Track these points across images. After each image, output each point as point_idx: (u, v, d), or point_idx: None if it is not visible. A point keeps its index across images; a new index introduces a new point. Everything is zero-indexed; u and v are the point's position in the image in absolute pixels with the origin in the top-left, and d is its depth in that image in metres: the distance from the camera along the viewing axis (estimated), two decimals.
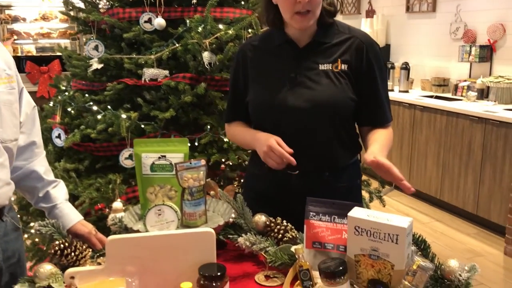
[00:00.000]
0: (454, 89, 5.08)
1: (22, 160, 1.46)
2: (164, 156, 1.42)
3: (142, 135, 2.23)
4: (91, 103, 2.34)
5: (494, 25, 4.66)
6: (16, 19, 7.23)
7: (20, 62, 6.63)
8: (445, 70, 5.34)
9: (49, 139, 2.37)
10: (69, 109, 2.42)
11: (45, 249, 2.32)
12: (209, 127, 2.27)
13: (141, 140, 1.48)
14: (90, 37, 2.40)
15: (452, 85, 5.16)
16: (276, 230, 1.37)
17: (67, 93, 2.50)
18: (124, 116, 2.20)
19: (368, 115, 1.57)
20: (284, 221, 1.40)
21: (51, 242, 1.30)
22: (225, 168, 2.39)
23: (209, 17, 2.22)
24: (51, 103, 2.56)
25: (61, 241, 1.27)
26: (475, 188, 4.20)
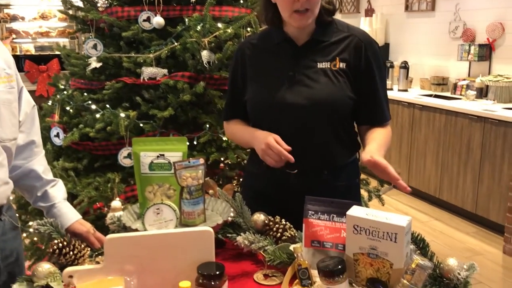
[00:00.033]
0: (453, 88, 5.08)
1: (21, 159, 1.46)
2: (163, 155, 1.41)
3: (141, 134, 2.23)
4: (90, 102, 2.34)
5: (493, 24, 4.66)
6: (14, 18, 7.22)
7: (19, 61, 6.61)
8: (444, 69, 5.34)
9: (47, 138, 2.37)
10: (68, 108, 2.41)
11: (43, 248, 2.32)
12: (208, 126, 2.27)
13: (139, 139, 1.48)
14: (89, 36, 2.39)
15: (451, 84, 5.16)
16: (275, 229, 1.37)
17: (65, 92, 2.49)
18: (122, 115, 2.20)
19: (366, 113, 1.57)
20: (283, 220, 1.40)
21: (50, 241, 1.29)
22: (224, 167, 2.39)
23: (208, 15, 2.22)
24: (50, 102, 2.55)
25: (60, 240, 1.27)
26: (474, 187, 4.20)
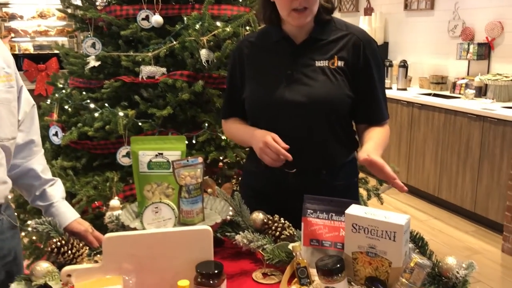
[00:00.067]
0: (452, 87, 5.08)
1: (20, 158, 1.46)
2: (161, 153, 1.41)
3: (140, 132, 2.23)
4: (88, 100, 2.34)
5: (492, 22, 4.66)
6: (13, 17, 7.22)
7: (17, 60, 6.61)
8: (443, 68, 5.34)
9: (46, 137, 2.36)
10: (66, 107, 2.41)
11: (42, 247, 2.32)
12: (206, 124, 2.27)
13: (138, 137, 1.48)
14: (87, 35, 2.39)
15: (450, 83, 5.16)
16: (273, 228, 1.37)
17: (64, 91, 2.49)
18: (121, 113, 2.20)
19: (364, 112, 1.56)
20: (282, 218, 1.39)
21: (48, 240, 1.29)
22: (223, 166, 2.39)
23: (206, 14, 2.21)
24: (48, 101, 2.55)
25: (58, 239, 1.27)
26: (473, 186, 4.20)
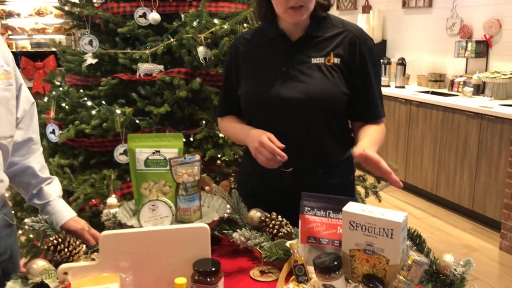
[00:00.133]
0: (450, 84, 5.08)
1: (19, 156, 1.45)
2: (158, 151, 1.41)
3: (137, 130, 2.22)
4: (86, 98, 2.33)
5: (490, 20, 4.66)
6: (10, 14, 7.19)
7: (15, 58, 6.56)
8: (441, 66, 5.34)
9: (43, 135, 2.36)
10: (64, 105, 2.40)
11: (39, 245, 2.31)
12: (204, 122, 2.26)
13: (135, 135, 1.47)
14: (85, 32, 2.38)
15: (448, 80, 5.16)
16: (271, 225, 1.37)
17: (61, 89, 2.48)
18: (118, 111, 2.19)
19: (360, 110, 1.55)
20: (279, 216, 1.39)
21: (45, 238, 1.29)
22: (220, 163, 2.38)
23: (204, 11, 2.21)
24: (45, 99, 2.54)
25: (55, 237, 1.26)
26: (470, 184, 4.21)
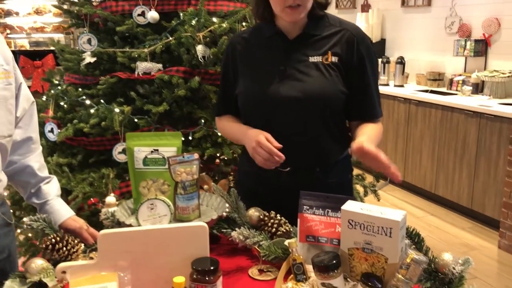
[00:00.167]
0: (449, 83, 5.08)
1: (18, 155, 1.45)
2: (157, 150, 1.41)
3: (136, 129, 2.22)
4: (84, 97, 2.32)
5: (489, 19, 4.66)
6: (9, 13, 7.18)
7: (14, 56, 6.57)
8: (440, 65, 5.34)
9: (42, 134, 2.35)
10: (62, 103, 2.40)
11: (38, 244, 2.31)
12: (203, 121, 2.26)
13: (133, 133, 1.47)
14: (83, 31, 2.38)
15: (447, 79, 5.16)
16: (269, 224, 1.37)
17: (60, 87, 2.48)
18: (117, 110, 2.19)
19: (357, 109, 1.55)
20: (278, 215, 1.39)
21: (43, 237, 1.29)
22: (219, 162, 2.38)
23: (202, 10, 2.20)
24: (44, 98, 2.54)
25: (53, 235, 1.26)
26: (469, 182, 4.21)
